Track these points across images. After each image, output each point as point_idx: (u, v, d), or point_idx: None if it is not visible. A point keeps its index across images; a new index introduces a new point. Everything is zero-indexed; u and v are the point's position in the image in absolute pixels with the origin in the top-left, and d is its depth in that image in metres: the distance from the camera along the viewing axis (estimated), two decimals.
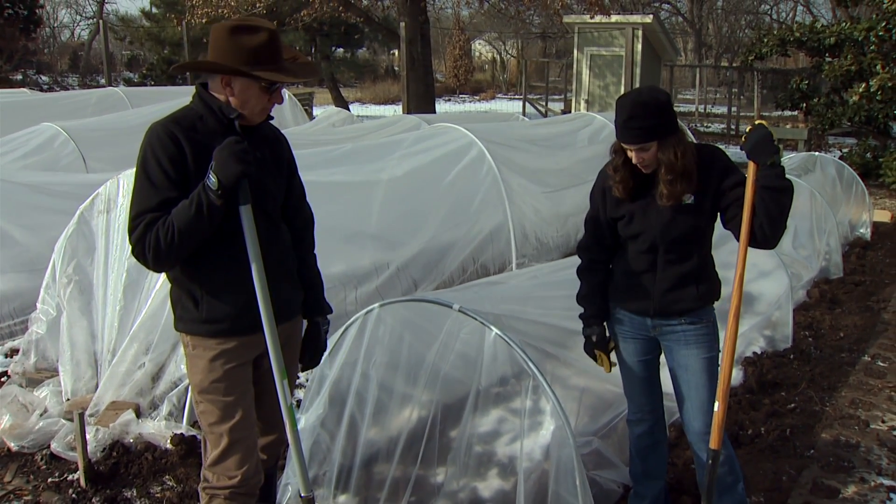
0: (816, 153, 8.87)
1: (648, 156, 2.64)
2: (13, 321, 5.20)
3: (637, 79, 15.25)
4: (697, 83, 23.44)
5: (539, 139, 7.41)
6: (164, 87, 16.27)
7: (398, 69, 23.26)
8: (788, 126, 14.22)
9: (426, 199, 5.94)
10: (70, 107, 10.06)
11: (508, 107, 21.21)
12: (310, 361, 2.76)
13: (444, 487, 3.21)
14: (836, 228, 6.98)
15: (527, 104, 20.69)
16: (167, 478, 3.58)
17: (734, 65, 26.89)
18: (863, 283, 6.68)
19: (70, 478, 3.61)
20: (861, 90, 11.52)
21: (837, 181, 8.05)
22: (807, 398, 4.45)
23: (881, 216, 9.16)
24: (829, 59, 12.56)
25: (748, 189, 2.55)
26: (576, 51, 16.33)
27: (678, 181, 2.64)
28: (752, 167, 2.55)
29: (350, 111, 12.74)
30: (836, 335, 5.48)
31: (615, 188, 2.77)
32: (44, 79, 30.33)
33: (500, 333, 2.88)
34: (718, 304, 2.91)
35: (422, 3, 14.50)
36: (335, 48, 27.85)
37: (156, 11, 26.66)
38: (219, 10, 14.11)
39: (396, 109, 19.31)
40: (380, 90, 28.72)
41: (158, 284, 3.93)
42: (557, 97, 23.01)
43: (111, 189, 4.37)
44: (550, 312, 3.42)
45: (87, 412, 3.88)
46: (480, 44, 42.04)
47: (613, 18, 15.50)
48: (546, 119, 13.85)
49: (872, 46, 11.65)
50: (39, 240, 5.17)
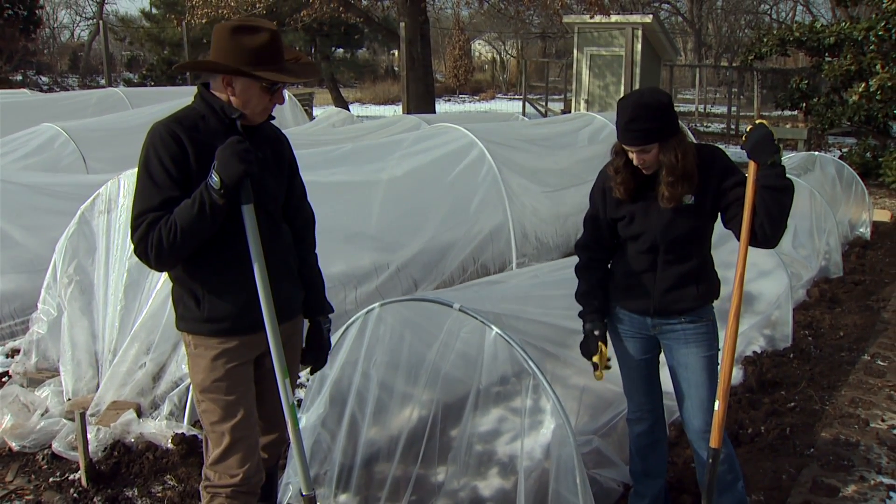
0: (816, 153, 8.87)
1: (650, 157, 2.65)
2: (14, 321, 5.20)
3: (637, 79, 15.25)
4: (697, 83, 23.44)
5: (539, 139, 7.41)
6: (165, 88, 16.28)
7: (398, 69, 23.27)
8: (788, 126, 14.22)
9: (426, 199, 5.95)
10: (70, 107, 10.05)
11: (508, 107, 21.21)
12: (315, 361, 2.75)
13: (445, 486, 3.22)
14: (836, 228, 6.99)
15: (527, 104, 20.69)
16: (168, 477, 3.59)
17: (734, 65, 26.90)
18: (862, 283, 6.68)
19: (71, 477, 3.62)
20: (861, 90, 11.52)
21: (837, 181, 8.06)
22: (807, 397, 4.46)
23: (881, 216, 9.17)
24: (829, 59, 12.57)
25: (749, 188, 2.56)
26: (575, 51, 16.34)
27: (679, 183, 2.65)
28: (753, 167, 2.56)
29: (350, 111, 12.73)
30: (836, 334, 5.49)
31: (616, 189, 2.77)
32: (44, 79, 30.32)
33: (501, 332, 2.88)
34: (718, 304, 2.92)
35: (422, 4, 14.50)
36: (335, 48, 27.86)
37: (156, 12, 26.68)
38: (219, 11, 14.11)
39: (396, 110, 19.31)
40: (380, 90, 28.73)
41: (159, 284, 3.93)
42: (557, 97, 23.01)
43: (112, 189, 4.38)
44: (551, 312, 3.42)
45: (89, 412, 3.89)
46: (480, 44, 42.05)
47: (613, 18, 15.50)
48: (546, 119, 13.85)
49: (872, 46, 11.65)
50: (40, 241, 5.17)
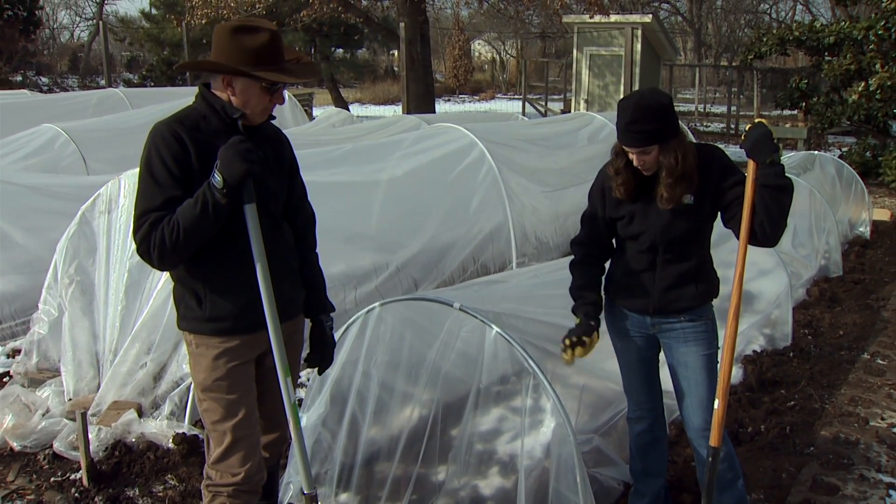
0: (816, 152, 8.87)
1: (650, 159, 2.65)
2: (15, 322, 5.21)
3: (636, 78, 15.27)
4: (697, 83, 23.44)
5: (539, 139, 7.42)
6: (164, 88, 16.31)
7: (398, 69, 23.27)
8: (788, 125, 14.21)
9: (426, 199, 5.95)
10: (70, 108, 10.06)
11: (508, 107, 21.20)
12: (322, 360, 2.75)
13: (446, 486, 3.22)
14: (836, 227, 6.99)
15: (526, 104, 20.69)
16: (169, 477, 3.59)
17: (734, 64, 26.88)
18: (862, 282, 6.69)
19: (73, 477, 3.62)
20: (860, 89, 11.52)
21: (837, 180, 8.07)
22: (806, 396, 4.47)
23: (881, 215, 9.17)
24: (829, 59, 12.56)
25: (748, 187, 2.56)
26: (575, 51, 16.35)
27: (678, 184, 2.65)
28: (752, 165, 2.56)
29: (350, 111, 12.73)
30: (836, 333, 5.49)
31: (616, 190, 2.78)
32: (44, 80, 30.31)
33: (501, 332, 2.88)
34: (718, 303, 2.92)
35: (421, 4, 14.51)
36: (335, 49, 27.86)
37: (155, 12, 26.68)
38: (219, 11, 14.12)
39: (396, 110, 19.31)
40: (379, 91, 28.73)
41: (160, 284, 3.94)
42: (557, 97, 23.01)
43: (112, 189, 4.39)
44: (551, 311, 3.42)
45: (90, 412, 3.90)
46: (480, 44, 42.05)
47: (613, 18, 15.50)
48: (546, 119, 13.85)
49: (872, 45, 11.65)
50: (40, 242, 5.17)
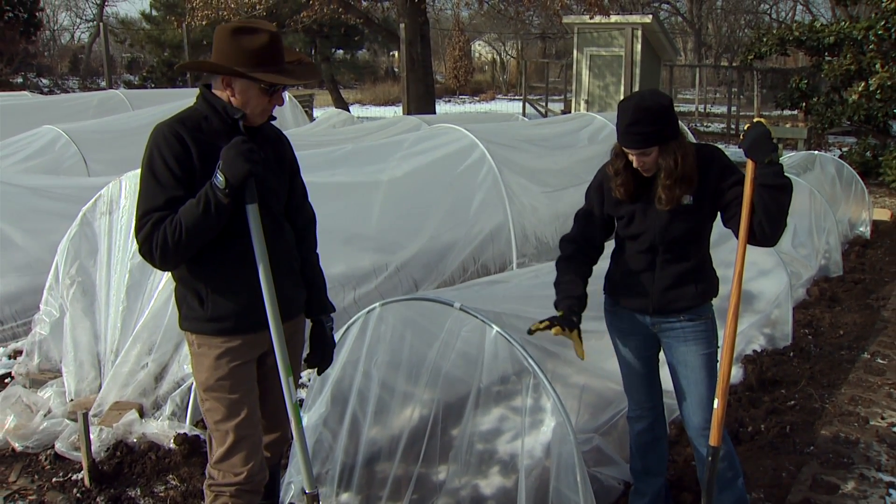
0: (816, 152, 8.88)
1: (649, 160, 2.65)
2: (16, 323, 5.22)
3: (637, 79, 15.26)
4: (697, 83, 23.44)
5: (539, 139, 7.42)
6: (165, 90, 16.36)
7: (398, 70, 23.29)
8: (788, 125, 14.21)
9: (427, 200, 5.96)
10: (71, 109, 10.08)
11: (508, 107, 21.20)
12: (322, 361, 2.76)
13: (446, 485, 3.23)
14: (836, 227, 7.00)
15: (527, 105, 20.69)
16: (171, 477, 3.60)
17: (734, 64, 26.89)
18: (862, 282, 6.69)
19: (74, 477, 3.63)
20: (860, 89, 11.53)
21: (837, 180, 8.07)
22: (806, 395, 4.47)
23: (881, 214, 9.18)
24: (829, 59, 12.56)
25: (746, 187, 2.56)
26: (575, 51, 16.35)
27: (677, 186, 2.66)
28: (751, 165, 2.56)
29: (350, 112, 12.75)
30: (836, 333, 5.50)
31: (616, 190, 2.78)
32: (44, 82, 30.31)
33: (501, 331, 2.89)
34: (717, 302, 2.93)
35: (422, 5, 14.50)
36: (335, 50, 27.87)
37: (156, 14, 26.71)
38: (219, 13, 14.12)
39: (396, 111, 19.31)
40: (380, 91, 28.74)
41: (161, 285, 3.95)
42: (557, 97, 23.01)
43: (113, 191, 4.40)
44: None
45: (91, 412, 3.90)
46: (480, 45, 42.05)
47: (613, 19, 15.50)
48: (546, 119, 13.85)
49: (872, 45, 11.66)
50: (41, 243, 5.19)
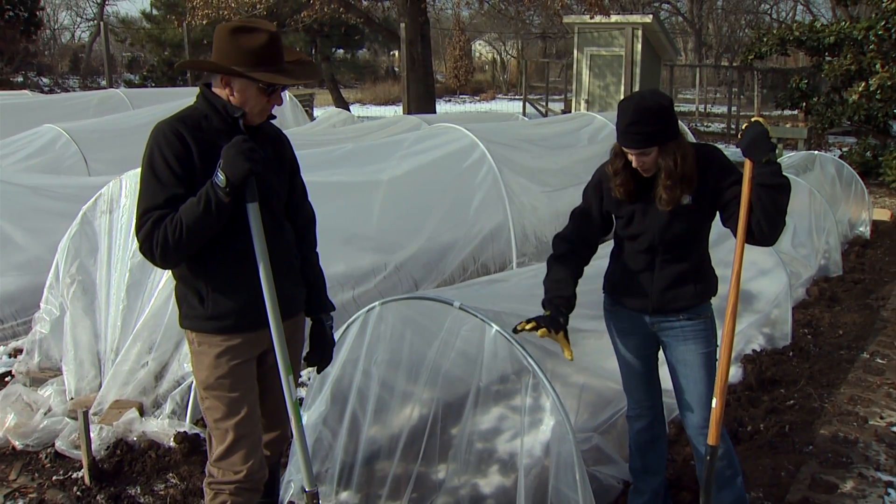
0: (816, 152, 8.88)
1: (649, 160, 2.65)
2: (16, 321, 5.23)
3: (637, 79, 15.27)
4: (697, 83, 23.45)
5: (539, 139, 7.43)
6: (165, 89, 16.34)
7: (398, 70, 23.28)
8: (788, 125, 14.21)
9: (427, 199, 5.96)
10: (71, 108, 10.09)
11: (509, 107, 21.19)
12: (321, 359, 2.77)
13: (446, 484, 3.24)
14: (836, 227, 7.00)
15: (527, 104, 20.69)
16: (171, 475, 3.61)
17: (734, 64, 26.88)
18: (862, 281, 6.70)
19: (74, 476, 3.64)
20: (861, 89, 11.53)
21: (837, 180, 8.08)
22: (806, 395, 4.48)
23: (881, 215, 9.18)
24: (829, 59, 12.57)
25: (745, 186, 2.56)
26: (576, 51, 16.36)
27: (677, 186, 2.66)
28: (749, 164, 2.56)
29: (350, 112, 12.75)
30: (836, 333, 5.51)
31: (615, 190, 2.77)
32: (45, 81, 30.34)
33: (501, 330, 2.89)
34: (716, 302, 2.93)
35: (422, 4, 14.51)
36: (335, 49, 27.88)
37: (156, 13, 26.71)
38: (219, 12, 14.12)
39: (397, 110, 19.30)
40: (380, 91, 28.75)
41: (161, 284, 3.95)
42: (558, 97, 23.02)
43: (114, 189, 4.41)
44: None
45: (91, 411, 3.91)
46: (481, 44, 42.05)
47: (613, 18, 15.51)
48: (546, 119, 13.85)
49: (872, 45, 11.66)
50: (41, 243, 5.19)
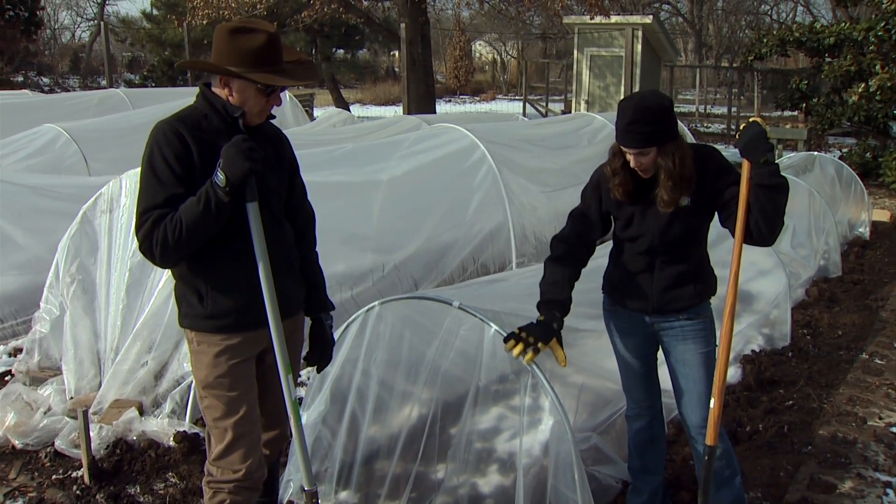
0: (816, 153, 8.89)
1: (647, 160, 2.65)
2: (16, 321, 5.23)
3: (637, 79, 15.27)
4: (698, 83, 23.47)
5: (539, 139, 7.43)
6: (165, 89, 16.36)
7: (398, 70, 23.29)
8: (788, 126, 14.22)
9: (426, 199, 5.97)
10: (72, 108, 10.10)
11: (509, 108, 21.19)
12: (321, 358, 2.78)
13: (445, 483, 3.24)
14: (835, 227, 7.01)
15: (527, 105, 20.70)
16: (170, 475, 3.61)
17: (734, 65, 26.88)
18: (861, 282, 6.70)
19: (74, 475, 3.64)
20: (860, 90, 11.53)
21: (836, 181, 8.08)
22: (805, 395, 4.48)
23: (880, 215, 9.19)
24: (829, 60, 12.57)
25: (742, 187, 2.56)
26: (576, 51, 16.37)
27: (678, 187, 2.66)
28: (746, 165, 2.56)
29: (350, 112, 12.76)
30: (835, 333, 5.51)
31: (615, 191, 2.77)
32: (45, 80, 30.35)
33: (500, 330, 2.89)
34: (715, 302, 2.94)
35: (422, 5, 14.51)
36: (336, 49, 27.87)
37: (156, 13, 26.70)
38: (220, 12, 14.13)
39: (397, 110, 19.30)
40: (380, 91, 28.76)
41: (161, 283, 3.96)
42: (558, 98, 23.04)
43: (114, 189, 4.41)
44: None
45: (91, 410, 3.91)
46: (481, 45, 42.05)
47: (613, 19, 15.51)
48: (546, 119, 13.86)
49: (872, 46, 11.66)
50: (41, 243, 5.20)
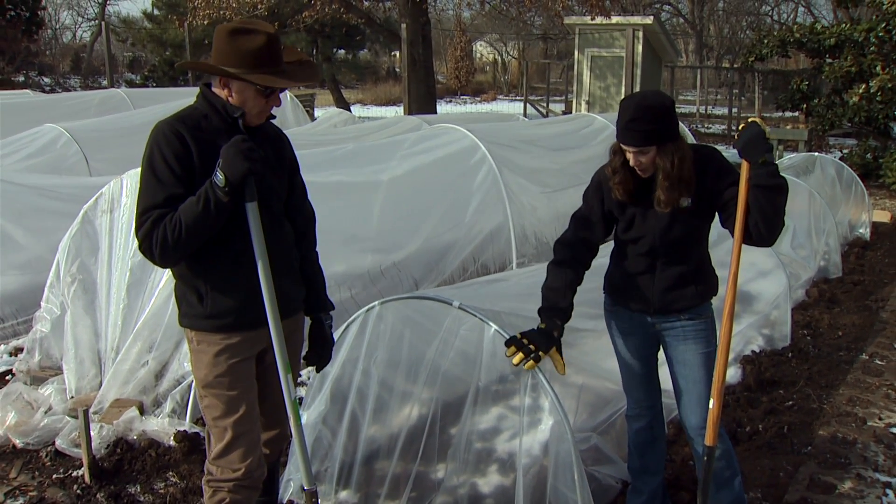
0: (816, 154, 8.89)
1: (646, 159, 2.65)
2: (17, 320, 5.24)
3: (638, 80, 15.27)
4: (698, 84, 23.49)
5: (539, 139, 7.43)
6: (166, 89, 16.36)
7: (399, 71, 23.30)
8: (789, 127, 14.22)
9: (427, 200, 5.97)
10: (73, 108, 10.09)
11: (510, 108, 21.16)
12: (320, 358, 2.78)
13: (445, 483, 3.24)
14: (836, 228, 7.01)
15: (528, 105, 20.71)
16: (170, 474, 3.62)
17: (735, 66, 26.88)
18: (861, 283, 6.71)
19: (75, 474, 3.65)
20: (861, 91, 11.54)
21: (837, 181, 8.08)
22: (805, 396, 4.49)
23: (881, 216, 9.19)
24: (830, 61, 12.57)
25: (741, 187, 2.56)
26: (576, 52, 16.37)
27: (675, 188, 2.65)
28: (745, 165, 2.56)
29: (351, 112, 12.76)
30: (835, 334, 5.51)
31: (615, 190, 2.77)
32: (46, 80, 30.35)
33: (500, 330, 2.89)
34: (716, 302, 2.94)
35: (423, 5, 14.51)
36: (337, 50, 27.90)
37: (157, 13, 26.73)
38: (221, 12, 14.13)
39: (398, 111, 19.30)
40: (381, 91, 28.75)
41: (162, 283, 3.96)
42: (558, 98, 23.05)
43: (115, 189, 4.42)
44: None
45: (92, 409, 3.92)
46: (482, 45, 42.05)
47: (614, 20, 15.51)
48: (546, 119, 13.87)
49: (872, 47, 11.67)
50: (42, 243, 5.20)
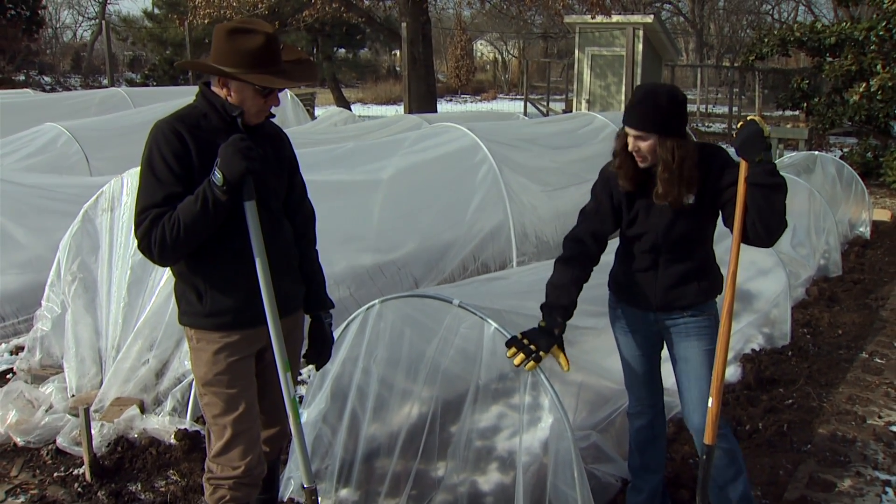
0: (816, 152, 8.89)
1: (645, 147, 2.64)
2: (18, 319, 5.25)
3: (638, 79, 15.26)
4: (699, 83, 23.47)
5: (539, 138, 7.43)
6: (167, 88, 16.37)
7: (400, 69, 23.30)
8: (789, 126, 14.22)
9: (427, 198, 5.97)
10: (73, 107, 10.10)
11: (510, 107, 21.15)
12: (319, 357, 2.79)
13: (445, 481, 3.25)
14: (836, 227, 7.01)
15: (528, 104, 20.70)
16: (171, 472, 3.62)
17: (735, 65, 26.85)
18: (861, 282, 6.71)
19: (76, 472, 3.65)
20: (861, 90, 11.53)
21: (837, 180, 8.08)
22: (804, 394, 4.49)
23: (881, 215, 9.18)
24: (830, 59, 12.56)
25: (739, 186, 2.55)
26: (577, 51, 16.38)
27: (675, 181, 2.65)
28: (744, 164, 2.55)
29: (352, 111, 12.77)
30: (835, 332, 5.52)
31: (618, 175, 2.76)
32: (46, 79, 30.38)
33: (499, 328, 2.90)
34: (720, 299, 2.94)
35: (423, 4, 14.52)
36: (337, 48, 27.93)
37: (158, 12, 26.75)
38: (221, 11, 14.14)
39: (398, 110, 19.29)
40: (381, 90, 28.75)
41: (162, 282, 3.97)
42: (559, 97, 23.04)
43: (115, 187, 4.42)
44: None
45: (92, 408, 3.92)
46: (482, 44, 42.05)
47: (614, 18, 15.53)
48: (546, 118, 13.86)
49: (873, 46, 11.66)
50: (43, 242, 5.20)
